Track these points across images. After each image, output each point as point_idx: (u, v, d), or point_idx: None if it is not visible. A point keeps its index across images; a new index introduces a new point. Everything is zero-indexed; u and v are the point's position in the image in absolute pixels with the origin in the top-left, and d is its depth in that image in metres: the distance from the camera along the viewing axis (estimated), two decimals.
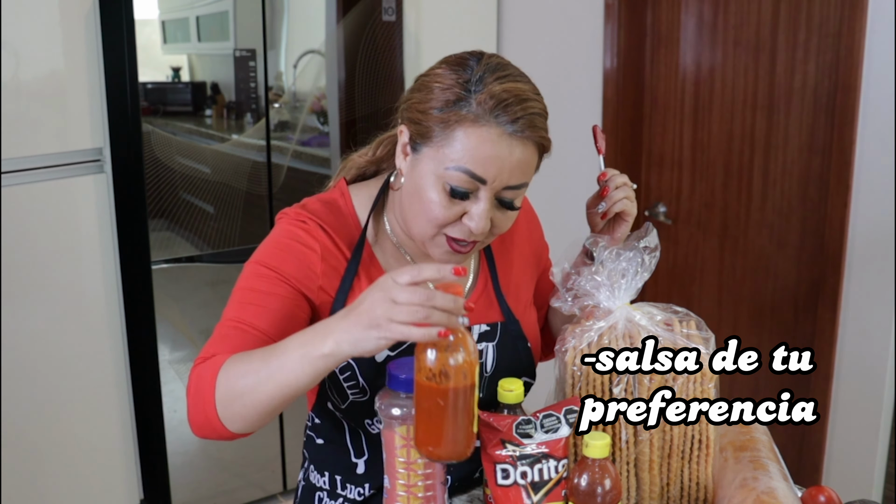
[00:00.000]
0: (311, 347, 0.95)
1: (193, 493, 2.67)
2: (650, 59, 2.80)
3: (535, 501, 1.04)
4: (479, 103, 1.04)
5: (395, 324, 0.89)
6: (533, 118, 1.06)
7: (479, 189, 1.06)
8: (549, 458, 1.04)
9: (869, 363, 2.29)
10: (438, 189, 1.07)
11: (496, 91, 1.05)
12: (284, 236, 1.17)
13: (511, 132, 1.04)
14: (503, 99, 1.04)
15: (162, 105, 2.48)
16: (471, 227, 1.08)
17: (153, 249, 2.48)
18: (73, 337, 2.42)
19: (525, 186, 1.10)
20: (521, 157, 1.06)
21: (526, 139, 1.06)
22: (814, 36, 2.37)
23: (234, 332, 1.10)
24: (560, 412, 1.06)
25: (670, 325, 1.13)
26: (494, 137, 1.04)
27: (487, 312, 1.24)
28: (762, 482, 1.05)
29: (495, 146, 1.04)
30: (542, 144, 1.09)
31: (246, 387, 0.99)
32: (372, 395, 1.15)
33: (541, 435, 1.05)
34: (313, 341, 0.95)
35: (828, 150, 2.37)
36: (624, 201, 1.24)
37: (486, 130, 1.04)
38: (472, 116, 1.04)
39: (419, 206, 1.09)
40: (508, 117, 1.04)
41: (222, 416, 1.01)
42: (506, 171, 1.06)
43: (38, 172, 2.30)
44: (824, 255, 2.38)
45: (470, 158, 1.04)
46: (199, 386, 1.03)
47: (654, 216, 2.81)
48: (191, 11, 2.57)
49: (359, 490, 1.24)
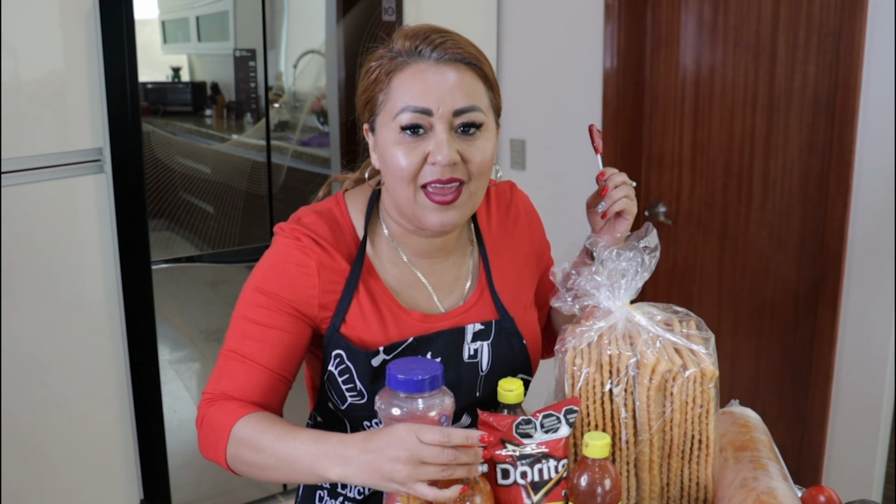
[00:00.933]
0: (320, 467, 1.00)
1: (193, 493, 2.67)
2: (650, 59, 2.80)
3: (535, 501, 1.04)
4: (401, 50, 1.11)
5: (419, 484, 0.94)
6: (457, 41, 1.11)
7: (431, 123, 1.09)
8: (549, 458, 1.04)
9: (869, 363, 2.29)
10: (396, 141, 1.10)
11: (411, 31, 1.11)
12: (280, 259, 1.17)
13: (437, 59, 1.09)
14: (419, 33, 1.11)
15: (162, 105, 2.48)
16: (437, 159, 1.08)
17: (153, 249, 2.48)
18: (73, 337, 2.42)
19: (477, 110, 1.11)
20: (457, 79, 1.09)
21: (456, 62, 1.10)
22: (814, 36, 2.37)
23: (237, 366, 1.14)
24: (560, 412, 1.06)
25: (670, 325, 1.13)
26: (423, 70, 1.09)
27: (483, 311, 1.24)
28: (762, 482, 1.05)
29: (427, 77, 1.09)
30: (478, 66, 1.12)
31: (254, 464, 1.07)
32: (369, 398, 1.16)
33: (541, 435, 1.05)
34: (325, 462, 1.00)
35: (828, 150, 2.37)
36: (623, 200, 1.24)
37: (413, 68, 1.10)
38: (399, 62, 1.10)
39: (390, 171, 1.12)
40: (430, 48, 1.09)
41: (231, 466, 1.10)
42: (447, 95, 1.08)
43: (38, 172, 2.30)
44: (824, 255, 2.38)
45: (409, 97, 1.09)
46: (210, 434, 1.11)
47: (654, 216, 2.81)
48: (191, 11, 2.57)
49: (358, 489, 1.24)
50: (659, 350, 1.08)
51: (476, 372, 1.21)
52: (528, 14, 3.03)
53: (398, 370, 1.01)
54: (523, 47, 3.07)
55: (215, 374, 1.15)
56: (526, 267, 1.33)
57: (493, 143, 1.14)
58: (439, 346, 1.18)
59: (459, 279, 1.25)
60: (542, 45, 3.00)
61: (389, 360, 1.15)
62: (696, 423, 1.09)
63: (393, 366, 1.03)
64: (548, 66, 2.99)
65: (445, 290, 1.24)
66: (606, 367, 1.09)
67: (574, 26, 2.89)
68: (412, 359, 1.06)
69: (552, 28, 2.96)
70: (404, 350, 1.16)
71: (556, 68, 2.98)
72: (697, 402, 1.08)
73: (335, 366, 1.17)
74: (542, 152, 3.07)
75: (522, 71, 3.08)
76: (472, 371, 1.21)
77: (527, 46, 3.05)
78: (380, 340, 1.16)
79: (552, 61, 2.98)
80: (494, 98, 1.15)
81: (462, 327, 1.21)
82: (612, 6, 2.74)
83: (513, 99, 3.12)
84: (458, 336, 1.20)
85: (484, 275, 1.27)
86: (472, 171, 1.11)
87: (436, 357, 1.17)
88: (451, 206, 1.11)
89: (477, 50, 1.14)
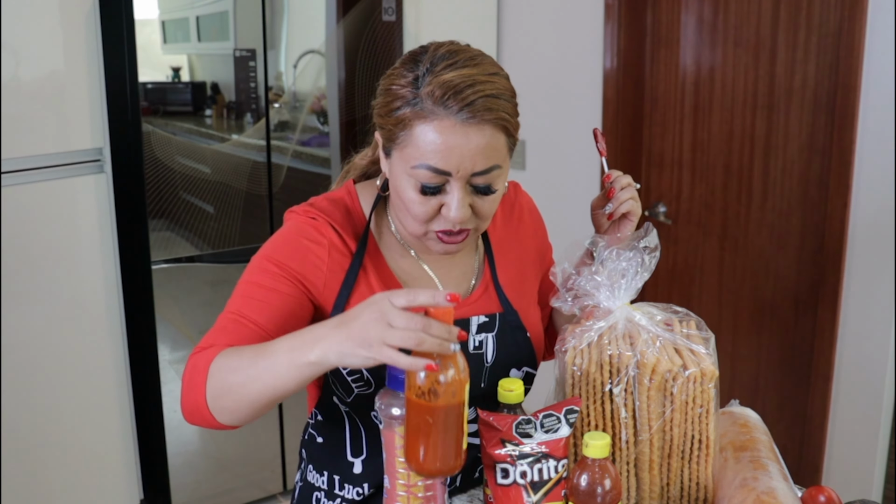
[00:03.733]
0: (298, 353, 0.95)
1: (193, 493, 2.67)
2: (650, 59, 2.80)
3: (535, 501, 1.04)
4: (427, 96, 1.04)
5: (386, 347, 0.90)
6: (486, 101, 1.05)
7: (448, 181, 1.07)
8: (548, 458, 1.04)
9: (869, 363, 2.29)
10: (412, 188, 1.09)
11: (442, 81, 1.04)
12: (293, 232, 1.18)
13: (464, 120, 1.04)
14: (449, 87, 1.04)
15: (162, 105, 2.48)
16: (450, 217, 1.09)
17: (153, 249, 2.48)
18: (73, 337, 2.42)
19: (497, 169, 1.09)
20: (480, 141, 1.05)
21: (482, 123, 1.05)
22: (814, 36, 2.37)
23: (231, 324, 1.11)
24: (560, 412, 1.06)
25: (670, 325, 1.13)
26: (448, 128, 1.04)
27: (487, 304, 1.26)
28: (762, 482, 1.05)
29: (450, 137, 1.04)
30: (503, 125, 1.07)
31: (234, 383, 1.00)
32: (377, 386, 1.16)
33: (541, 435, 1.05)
34: (302, 347, 0.95)
35: (828, 150, 2.37)
36: (629, 202, 1.26)
37: (437, 123, 1.04)
38: (424, 113, 1.05)
39: (402, 206, 1.12)
40: (458, 105, 1.03)
41: (212, 408, 1.02)
42: (468, 159, 1.05)
43: (38, 172, 2.30)
44: (824, 255, 2.38)
45: (430, 154, 1.05)
46: (192, 375, 1.05)
47: (654, 216, 2.81)
48: (191, 11, 2.57)
49: (357, 490, 1.24)
50: (659, 350, 1.08)
51: (481, 363, 1.22)
52: (528, 14, 3.03)
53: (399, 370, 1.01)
54: (523, 47, 3.07)
55: (210, 333, 1.11)
56: (530, 265, 1.35)
57: (505, 182, 1.14)
58: None
59: (465, 274, 1.27)
60: (542, 45, 3.00)
61: None
62: (696, 423, 1.09)
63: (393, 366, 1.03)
64: (548, 66, 2.99)
65: (452, 284, 1.25)
66: (606, 367, 1.09)
67: (574, 26, 2.89)
68: None
69: (552, 28, 2.96)
70: None
71: (556, 68, 2.97)
72: (697, 402, 1.08)
73: None
74: (542, 152, 3.07)
75: (522, 71, 3.08)
76: (478, 362, 1.22)
77: (527, 47, 3.05)
78: None
79: (552, 61, 2.98)
80: (513, 140, 1.12)
81: (467, 318, 1.22)
82: (612, 6, 2.74)
83: None
84: (463, 327, 1.21)
85: (488, 270, 1.28)
86: (480, 219, 1.13)
87: None
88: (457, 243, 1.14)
89: (505, 98, 1.08)
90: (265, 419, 2.80)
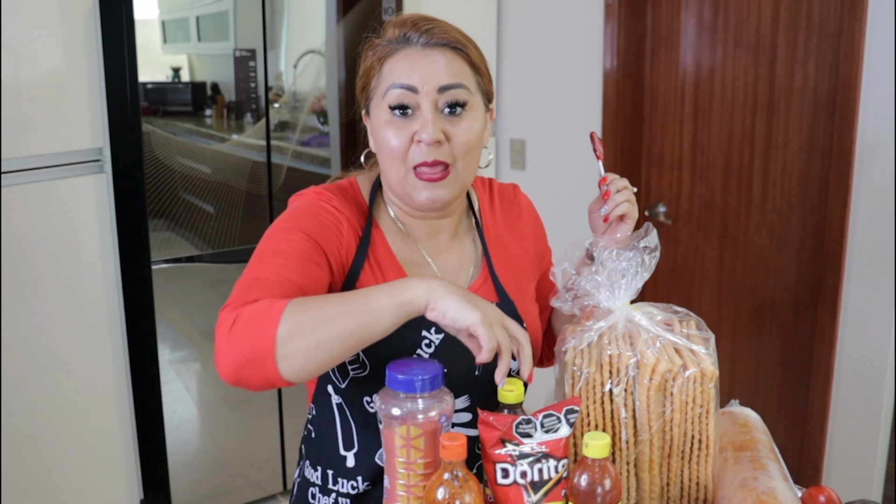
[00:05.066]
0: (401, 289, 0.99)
1: (193, 493, 2.67)
2: (650, 59, 2.80)
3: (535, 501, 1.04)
4: (392, 38, 1.17)
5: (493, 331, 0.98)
6: (443, 28, 1.17)
7: (417, 101, 1.14)
8: (548, 458, 1.04)
9: (869, 363, 2.29)
10: (387, 123, 1.16)
11: (400, 20, 1.17)
12: (309, 205, 1.20)
13: (424, 43, 1.15)
14: (407, 21, 1.17)
15: (162, 105, 2.48)
16: (423, 138, 1.13)
17: (153, 249, 2.48)
18: (73, 337, 2.42)
19: (462, 87, 1.16)
20: (441, 60, 1.15)
21: (443, 47, 1.16)
22: (814, 36, 2.37)
23: (274, 284, 1.06)
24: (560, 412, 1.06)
25: (670, 325, 1.13)
26: (412, 54, 1.15)
27: (485, 294, 1.27)
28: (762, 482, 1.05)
29: (415, 60, 1.15)
30: (464, 51, 1.17)
31: (323, 318, 0.96)
32: (371, 369, 1.17)
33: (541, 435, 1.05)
34: (405, 288, 0.99)
35: (828, 150, 2.37)
36: (625, 204, 1.28)
37: (402, 52, 1.16)
38: (390, 48, 1.17)
39: (382, 151, 1.18)
40: (417, 34, 1.15)
41: (280, 353, 0.95)
42: (433, 75, 1.14)
43: (38, 172, 2.30)
44: (824, 255, 2.38)
45: (397, 76, 1.15)
46: (253, 321, 0.97)
47: (654, 216, 2.81)
48: (191, 11, 2.57)
49: (351, 483, 1.24)
50: (659, 350, 1.08)
51: None
52: (528, 14, 3.03)
53: (398, 370, 1.01)
54: (523, 47, 3.07)
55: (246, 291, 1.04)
56: (527, 263, 1.36)
57: (481, 124, 1.19)
58: None
59: (463, 264, 1.28)
60: (542, 45, 3.00)
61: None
62: (696, 423, 1.09)
63: (393, 366, 1.03)
64: (548, 66, 2.99)
65: (451, 273, 1.27)
66: (606, 367, 1.09)
67: (574, 26, 2.89)
68: (412, 359, 1.06)
69: (552, 28, 2.96)
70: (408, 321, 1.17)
71: (556, 68, 2.97)
72: (697, 402, 1.08)
73: None
74: (542, 152, 3.07)
75: (522, 71, 3.08)
76: None
77: (527, 46, 3.05)
78: None
79: (552, 61, 2.98)
80: (483, 82, 1.20)
81: None
82: (612, 6, 2.74)
83: (513, 99, 3.12)
84: None
85: (486, 262, 1.30)
86: (456, 152, 1.16)
87: (438, 332, 1.19)
88: (439, 183, 1.17)
89: (464, 36, 1.19)
90: (265, 419, 2.80)
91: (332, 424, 1.25)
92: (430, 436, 1.01)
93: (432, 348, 1.18)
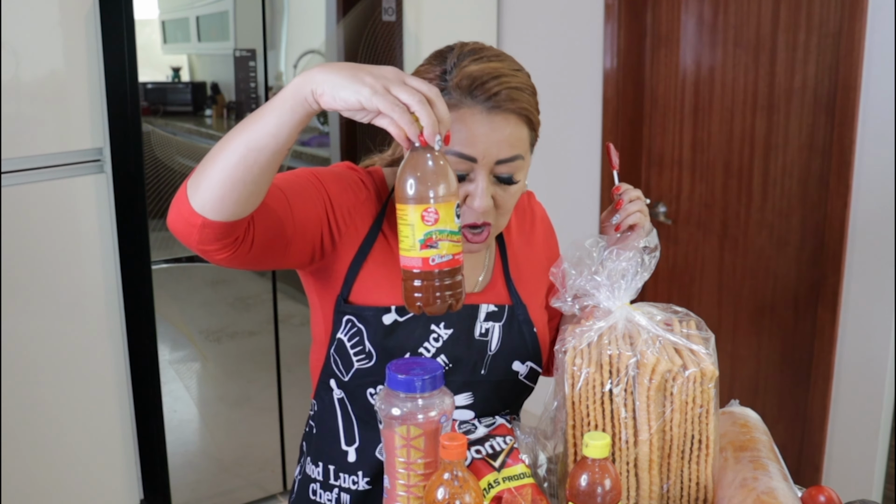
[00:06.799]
0: (295, 87, 0.92)
1: (193, 493, 2.67)
2: (650, 59, 2.80)
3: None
4: (456, 86, 1.10)
5: (390, 96, 0.90)
6: (510, 92, 1.11)
7: (473, 169, 1.12)
8: (494, 437, 1.13)
9: (869, 363, 2.29)
10: None
11: (469, 72, 1.10)
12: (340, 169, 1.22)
13: (490, 108, 1.10)
14: (476, 78, 1.09)
15: (162, 105, 2.48)
16: (474, 206, 1.13)
17: (153, 249, 2.48)
18: (73, 337, 2.42)
19: (519, 159, 1.14)
20: (504, 130, 1.11)
21: (507, 112, 1.10)
22: (814, 36, 2.37)
23: None
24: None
25: (670, 325, 1.13)
26: (475, 116, 1.10)
27: (497, 296, 1.28)
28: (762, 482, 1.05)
29: (477, 125, 1.10)
30: (526, 116, 1.13)
31: (220, 145, 0.96)
32: (377, 360, 1.18)
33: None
34: (300, 82, 0.92)
35: (828, 150, 2.37)
36: (637, 214, 1.30)
37: (465, 112, 1.10)
38: (453, 102, 1.10)
39: None
40: (484, 95, 1.09)
41: (191, 187, 0.98)
42: (493, 147, 1.10)
43: (38, 172, 2.30)
44: (824, 255, 2.38)
45: (457, 141, 1.10)
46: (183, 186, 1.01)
47: (654, 216, 2.82)
48: (191, 11, 2.57)
49: (353, 479, 1.25)
50: (659, 350, 1.08)
51: (484, 351, 1.24)
52: (528, 14, 3.03)
53: (398, 370, 1.02)
54: (523, 47, 3.07)
55: None
56: (541, 270, 1.37)
57: (526, 172, 1.19)
58: (452, 317, 1.21)
59: (477, 267, 1.29)
60: (542, 45, 3.00)
61: (402, 321, 1.18)
62: (696, 423, 1.09)
63: (393, 366, 1.03)
64: (548, 66, 2.99)
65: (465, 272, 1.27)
66: (606, 367, 1.09)
67: (574, 26, 2.89)
68: (412, 359, 1.06)
69: (552, 28, 2.96)
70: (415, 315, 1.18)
71: (556, 68, 2.97)
72: (697, 402, 1.08)
73: (345, 332, 1.19)
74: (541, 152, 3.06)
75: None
76: (481, 349, 1.23)
77: (527, 46, 3.05)
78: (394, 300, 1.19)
79: (552, 61, 2.98)
80: (535, 135, 1.18)
81: (476, 305, 1.24)
82: (612, 6, 2.74)
83: None
84: (472, 312, 1.23)
85: (500, 265, 1.31)
86: (500, 212, 1.17)
87: (447, 328, 1.20)
88: (479, 244, 1.18)
89: (529, 93, 1.14)
90: (265, 419, 2.80)
91: (333, 420, 1.26)
92: (430, 436, 1.01)
93: (440, 342, 1.19)
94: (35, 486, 2.40)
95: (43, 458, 2.41)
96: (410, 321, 1.19)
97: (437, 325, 1.19)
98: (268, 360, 2.78)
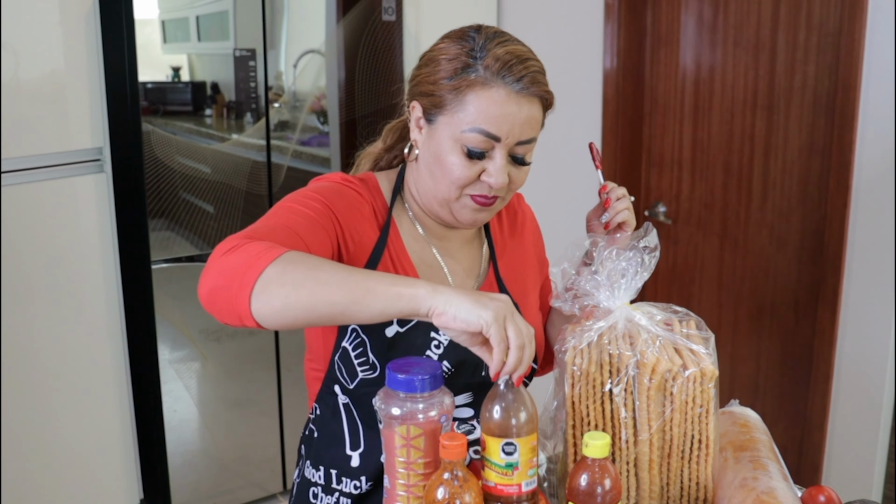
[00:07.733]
0: (403, 283, 0.96)
1: (193, 493, 2.67)
2: (650, 59, 2.80)
3: None
4: (486, 67, 1.13)
5: (503, 330, 0.94)
6: (535, 75, 1.15)
7: (495, 147, 1.15)
8: None
9: (869, 363, 2.29)
10: (457, 152, 1.15)
11: (499, 54, 1.13)
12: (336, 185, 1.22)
13: (518, 90, 1.13)
14: (507, 61, 1.13)
15: (162, 105, 2.48)
16: (490, 182, 1.16)
17: (153, 249, 2.48)
18: (73, 337, 2.42)
19: (534, 141, 1.18)
20: (528, 112, 1.15)
21: (532, 95, 1.15)
22: (814, 36, 2.37)
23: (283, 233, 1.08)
24: None
25: (670, 325, 1.13)
26: (503, 97, 1.13)
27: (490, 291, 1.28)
28: (762, 482, 1.05)
29: (505, 105, 1.13)
30: (546, 99, 1.18)
31: (316, 276, 0.95)
32: (381, 371, 1.18)
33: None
34: (408, 281, 0.96)
35: (828, 150, 2.37)
36: (625, 212, 1.31)
37: (495, 91, 1.13)
38: (481, 80, 1.13)
39: (440, 171, 1.17)
40: (514, 77, 1.13)
41: (259, 288, 0.96)
42: (517, 127, 1.14)
43: (38, 172, 2.30)
44: (824, 255, 2.38)
45: (483, 119, 1.13)
46: (249, 253, 0.98)
47: (654, 216, 2.81)
48: (191, 11, 2.57)
49: (355, 483, 1.25)
50: (659, 350, 1.08)
51: None
52: (528, 14, 3.02)
53: (398, 370, 1.02)
54: None
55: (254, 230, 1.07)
56: (530, 269, 1.39)
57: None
58: None
59: (472, 268, 1.31)
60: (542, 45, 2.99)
61: (403, 332, 1.18)
62: (695, 423, 1.09)
63: (393, 366, 1.03)
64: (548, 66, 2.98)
65: (460, 276, 1.29)
66: (606, 366, 1.09)
67: (574, 26, 2.89)
68: (412, 359, 1.06)
69: (552, 28, 2.96)
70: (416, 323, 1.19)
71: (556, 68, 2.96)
72: (697, 401, 1.08)
73: (350, 341, 1.20)
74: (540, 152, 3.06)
75: None
76: None
77: None
78: None
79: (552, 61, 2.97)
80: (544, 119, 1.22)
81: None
82: (612, 6, 2.74)
83: None
84: None
85: (492, 266, 1.32)
86: (511, 189, 1.21)
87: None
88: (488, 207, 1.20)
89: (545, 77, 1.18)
90: (265, 419, 2.80)
91: (338, 424, 1.26)
92: (430, 435, 1.01)
93: (441, 349, 1.19)
94: (35, 486, 2.40)
95: (43, 458, 2.40)
96: (411, 330, 1.19)
97: (437, 332, 1.19)
98: (268, 360, 2.78)
